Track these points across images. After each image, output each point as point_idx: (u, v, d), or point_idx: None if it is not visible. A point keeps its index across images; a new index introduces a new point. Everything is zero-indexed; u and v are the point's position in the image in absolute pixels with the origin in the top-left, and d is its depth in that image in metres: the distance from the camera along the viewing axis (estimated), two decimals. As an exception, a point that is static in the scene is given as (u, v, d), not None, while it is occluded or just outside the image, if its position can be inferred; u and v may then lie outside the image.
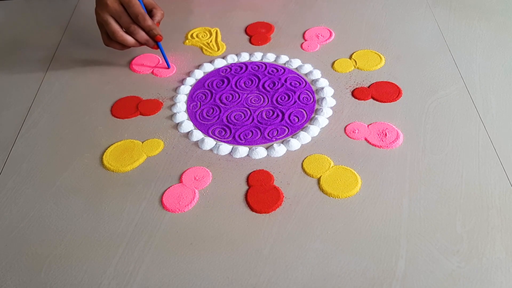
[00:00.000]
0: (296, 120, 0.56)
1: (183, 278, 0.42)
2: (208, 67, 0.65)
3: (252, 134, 0.55)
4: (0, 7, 0.82)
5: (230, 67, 0.65)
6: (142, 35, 0.59)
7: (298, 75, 0.62)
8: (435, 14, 0.71)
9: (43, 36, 0.73)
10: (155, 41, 0.61)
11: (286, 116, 0.56)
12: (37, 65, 0.68)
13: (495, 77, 0.60)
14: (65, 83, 0.64)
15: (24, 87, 0.64)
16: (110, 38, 0.61)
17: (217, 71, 0.64)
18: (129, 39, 0.60)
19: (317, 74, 0.62)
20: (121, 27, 0.59)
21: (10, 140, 0.56)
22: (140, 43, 0.61)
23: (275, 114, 0.57)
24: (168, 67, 0.64)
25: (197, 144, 0.54)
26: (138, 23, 0.59)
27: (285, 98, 0.59)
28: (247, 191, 0.48)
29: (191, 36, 0.71)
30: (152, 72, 0.64)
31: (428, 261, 0.41)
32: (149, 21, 0.59)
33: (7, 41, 0.73)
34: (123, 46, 0.61)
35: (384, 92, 0.58)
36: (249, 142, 0.54)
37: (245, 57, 0.66)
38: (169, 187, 0.49)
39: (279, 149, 0.52)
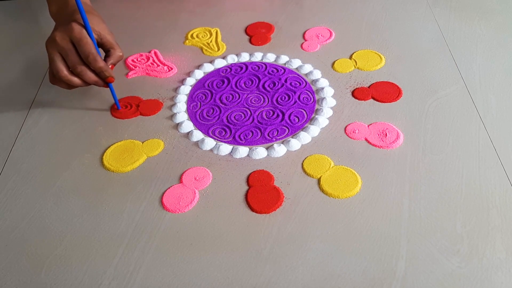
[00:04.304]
0: (296, 120, 0.56)
1: (183, 278, 0.42)
2: (208, 67, 0.65)
3: (252, 134, 0.55)
4: (0, 7, 0.82)
5: (230, 67, 0.65)
6: (90, 76, 0.54)
7: (298, 75, 0.62)
8: (435, 14, 0.71)
9: (44, 36, 0.73)
10: (105, 82, 0.55)
11: (286, 116, 0.56)
12: (37, 64, 0.67)
13: (495, 77, 0.60)
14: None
15: (25, 87, 0.64)
16: (55, 76, 0.55)
17: (217, 71, 0.64)
18: (75, 79, 0.54)
19: (317, 74, 0.62)
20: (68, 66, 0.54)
21: (10, 140, 0.56)
22: (87, 84, 0.55)
23: (275, 114, 0.57)
24: (118, 108, 0.59)
25: (197, 144, 0.54)
26: (88, 64, 0.53)
27: (285, 98, 0.59)
28: (247, 191, 0.48)
29: (191, 36, 0.71)
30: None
31: (428, 261, 0.41)
32: (100, 63, 0.53)
33: (7, 40, 0.73)
34: (69, 85, 0.55)
35: (384, 92, 0.58)
36: (249, 142, 0.54)
37: (245, 57, 0.66)
38: (169, 187, 0.49)
39: (279, 149, 0.52)
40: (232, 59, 0.66)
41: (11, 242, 0.46)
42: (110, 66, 0.55)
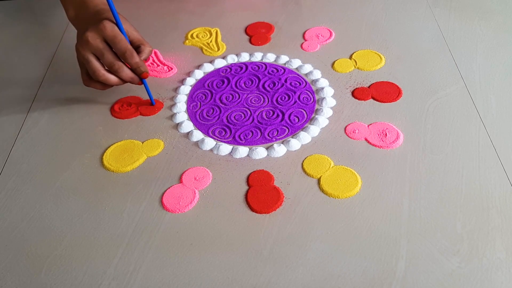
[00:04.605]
0: (296, 120, 0.56)
1: (183, 278, 0.42)
2: (208, 67, 0.65)
3: (252, 134, 0.55)
4: (0, 7, 0.82)
5: (230, 67, 0.65)
6: (127, 73, 0.55)
7: (298, 75, 0.62)
8: (435, 14, 0.71)
9: (45, 35, 0.73)
10: (140, 79, 0.56)
11: (286, 116, 0.56)
12: (38, 64, 0.67)
13: (495, 77, 0.60)
14: (65, 83, 0.64)
15: (25, 87, 0.64)
16: (90, 78, 0.55)
17: (217, 71, 0.64)
18: (112, 78, 0.54)
19: (317, 74, 0.62)
20: (103, 65, 0.54)
21: (10, 140, 0.56)
22: (124, 81, 0.56)
23: (275, 114, 0.57)
24: (153, 104, 0.59)
25: (197, 144, 0.54)
26: (125, 60, 0.54)
27: (285, 98, 0.59)
28: (247, 191, 0.48)
29: (191, 36, 0.71)
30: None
31: (428, 261, 0.41)
32: (136, 58, 0.54)
33: (7, 40, 0.73)
34: (105, 85, 0.56)
35: (384, 92, 0.58)
36: (249, 142, 0.54)
37: (245, 57, 0.66)
38: (169, 187, 0.49)
39: (279, 149, 0.52)
40: (232, 59, 0.66)
41: (11, 242, 0.46)
42: (144, 62, 0.55)
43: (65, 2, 0.61)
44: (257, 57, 0.66)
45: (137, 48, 0.56)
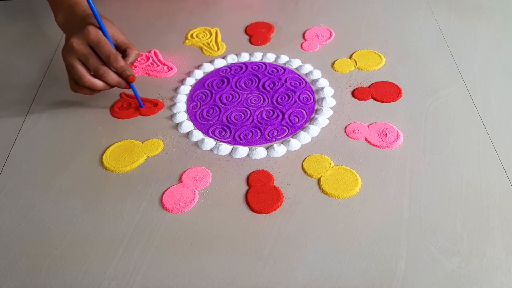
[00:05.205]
0: (296, 120, 0.56)
1: (183, 279, 0.42)
2: (208, 67, 0.65)
3: (252, 134, 0.54)
4: (0, 7, 0.82)
5: (230, 67, 0.65)
6: (113, 77, 0.54)
7: (298, 75, 0.62)
8: (435, 14, 0.71)
9: (44, 35, 0.73)
10: (127, 82, 0.55)
11: (286, 116, 0.56)
12: (37, 64, 0.67)
13: (495, 77, 0.60)
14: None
15: (24, 87, 0.64)
16: (77, 83, 0.55)
17: (217, 71, 0.64)
18: (98, 82, 0.54)
19: (317, 74, 0.62)
20: (89, 70, 0.54)
21: (10, 140, 0.56)
22: (111, 86, 0.55)
23: (275, 114, 0.57)
24: (142, 107, 0.59)
25: (197, 144, 0.54)
26: (109, 64, 0.53)
27: (285, 98, 0.59)
28: (247, 191, 0.48)
29: (191, 36, 0.71)
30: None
31: (428, 261, 0.41)
32: (121, 62, 0.53)
33: (7, 40, 0.73)
34: (92, 90, 0.55)
35: (384, 92, 0.58)
36: (249, 142, 0.54)
37: (245, 57, 0.66)
38: (169, 188, 0.49)
39: (279, 149, 0.52)
40: (232, 59, 0.66)
41: (11, 242, 0.46)
42: (130, 66, 0.55)
43: (54, 7, 0.61)
44: (257, 57, 0.66)
45: (124, 52, 0.56)
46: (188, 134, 0.55)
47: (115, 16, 0.76)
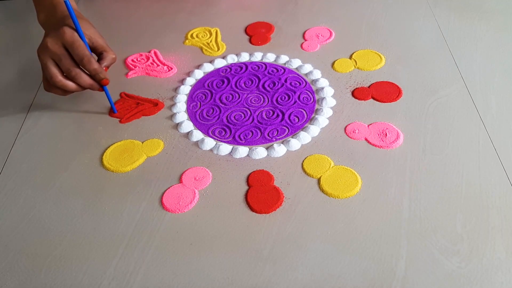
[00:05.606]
0: (296, 120, 0.56)
1: (183, 278, 0.42)
2: (208, 67, 0.65)
3: (252, 134, 0.54)
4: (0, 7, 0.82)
5: (230, 67, 0.65)
6: (85, 79, 0.53)
7: (298, 75, 0.62)
8: (435, 14, 0.71)
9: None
10: (100, 85, 0.55)
11: (286, 116, 0.56)
12: (37, 65, 0.67)
13: (495, 77, 0.60)
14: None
15: (25, 86, 0.64)
16: (49, 83, 0.54)
17: (217, 71, 0.64)
18: (70, 84, 0.53)
19: (317, 74, 0.62)
20: (62, 71, 0.53)
21: (10, 140, 0.56)
22: (83, 88, 0.54)
23: (275, 114, 0.57)
24: (115, 112, 0.58)
25: (197, 144, 0.54)
26: (83, 66, 0.53)
27: (285, 98, 0.59)
28: (247, 191, 0.48)
29: (191, 36, 0.71)
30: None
31: (428, 261, 0.41)
32: (94, 64, 0.53)
33: (7, 40, 0.73)
34: (65, 91, 0.55)
35: (384, 92, 0.58)
36: (249, 142, 0.54)
37: (245, 57, 0.66)
38: (169, 187, 0.49)
39: (279, 149, 0.52)
40: (232, 59, 0.66)
41: (11, 242, 0.46)
42: (104, 69, 0.55)
43: (37, 5, 0.61)
44: (257, 57, 0.66)
45: (100, 55, 0.56)
46: (188, 134, 0.55)
47: (116, 16, 0.77)
